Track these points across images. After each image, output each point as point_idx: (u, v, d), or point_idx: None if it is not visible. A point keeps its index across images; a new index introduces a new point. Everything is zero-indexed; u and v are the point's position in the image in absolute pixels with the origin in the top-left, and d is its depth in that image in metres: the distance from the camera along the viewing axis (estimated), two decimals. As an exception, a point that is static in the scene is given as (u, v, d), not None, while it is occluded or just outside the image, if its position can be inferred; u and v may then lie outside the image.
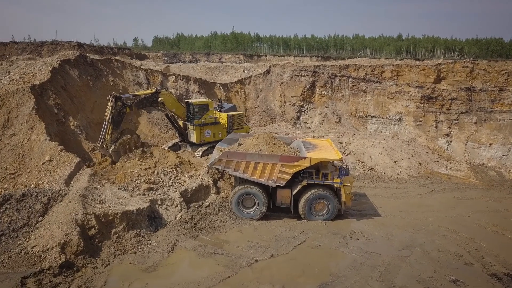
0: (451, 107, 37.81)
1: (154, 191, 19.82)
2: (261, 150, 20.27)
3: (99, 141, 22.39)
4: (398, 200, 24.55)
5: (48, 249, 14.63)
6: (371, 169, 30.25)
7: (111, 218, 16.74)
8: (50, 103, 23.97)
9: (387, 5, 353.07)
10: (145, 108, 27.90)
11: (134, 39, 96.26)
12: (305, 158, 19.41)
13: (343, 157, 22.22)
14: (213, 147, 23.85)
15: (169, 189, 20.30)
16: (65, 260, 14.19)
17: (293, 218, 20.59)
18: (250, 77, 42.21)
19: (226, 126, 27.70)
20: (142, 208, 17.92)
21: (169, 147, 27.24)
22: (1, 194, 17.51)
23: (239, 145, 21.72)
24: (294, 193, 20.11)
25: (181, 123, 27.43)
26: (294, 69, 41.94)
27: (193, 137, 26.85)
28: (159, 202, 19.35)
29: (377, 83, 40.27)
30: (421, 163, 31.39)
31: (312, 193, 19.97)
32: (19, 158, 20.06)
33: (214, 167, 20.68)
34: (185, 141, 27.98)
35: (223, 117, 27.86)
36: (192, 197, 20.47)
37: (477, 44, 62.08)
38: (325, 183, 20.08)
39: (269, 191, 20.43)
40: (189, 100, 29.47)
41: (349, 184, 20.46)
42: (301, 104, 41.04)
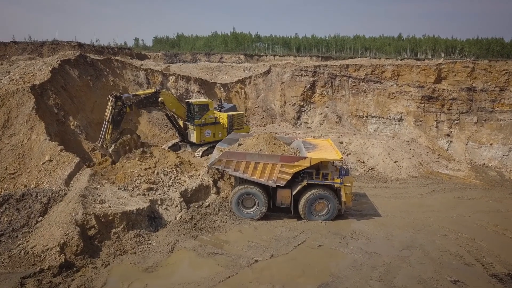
0: (451, 107, 37.76)
1: (154, 191, 19.80)
2: (261, 150, 20.25)
3: (99, 141, 22.37)
4: (398, 200, 24.52)
5: (47, 249, 14.62)
6: (371, 169, 30.21)
7: (111, 218, 16.73)
8: (50, 103, 23.96)
9: (387, 5, 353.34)
10: (145, 108, 27.88)
11: (134, 39, 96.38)
12: (305, 158, 19.38)
13: (343, 157, 22.19)
14: (213, 147, 23.82)
15: (169, 189, 20.27)
16: (64, 260, 14.17)
17: (293, 218, 20.56)
18: (250, 77, 42.18)
19: (226, 126, 27.68)
20: (142, 208, 17.90)
21: (169, 147, 27.23)
22: (0, 194, 17.49)
23: (239, 145, 21.69)
24: (294, 193, 20.08)
25: (181, 123, 27.41)
26: (294, 69, 41.91)
27: (193, 137, 26.83)
28: (159, 202, 19.34)
29: (377, 83, 40.22)
30: (421, 163, 31.35)
31: (312, 193, 19.94)
32: (19, 158, 20.04)
33: (214, 167, 20.67)
34: (185, 141, 27.97)
35: (223, 117, 27.84)
36: (192, 197, 20.46)
37: (477, 44, 61.97)
38: (325, 183, 20.05)
39: (269, 191, 20.40)
40: (189, 100, 29.46)
41: (350, 184, 20.43)
42: (302, 104, 41.01)
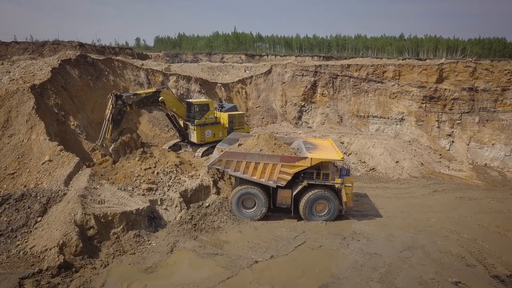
0: (453, 107, 37.58)
1: (154, 191, 19.74)
2: (261, 150, 20.16)
3: (99, 140, 22.31)
4: (399, 200, 24.40)
5: (46, 250, 14.57)
6: (372, 169, 30.08)
7: (110, 218, 16.67)
8: (50, 103, 23.92)
9: (387, 5, 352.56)
10: (146, 107, 27.81)
11: (136, 39, 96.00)
12: (305, 158, 19.29)
13: (344, 157, 22.09)
14: (213, 147, 23.75)
15: (169, 189, 20.21)
16: (63, 260, 14.11)
17: (293, 218, 20.46)
18: (251, 77, 42.10)
19: (226, 126, 27.62)
20: (141, 208, 17.84)
21: (170, 147, 27.19)
22: (0, 194, 17.45)
23: (239, 145, 21.61)
24: (294, 193, 19.98)
25: (181, 123, 27.36)
26: (295, 69, 41.80)
27: (194, 137, 26.77)
28: (159, 202, 19.28)
29: (378, 83, 40.08)
30: (423, 164, 31.20)
31: (312, 193, 19.83)
32: (18, 158, 20.01)
33: (214, 167, 20.59)
34: (186, 141, 27.91)
35: (224, 117, 27.78)
36: (192, 198, 20.39)
37: (479, 43, 61.71)
38: (326, 184, 19.95)
39: (270, 192, 20.31)
40: (190, 100, 29.40)
41: (350, 184, 20.33)
42: (303, 104, 40.90)
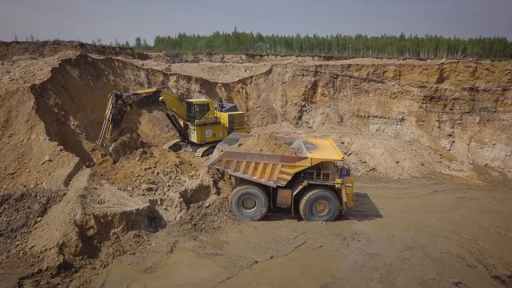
0: (454, 107, 37.50)
1: (153, 191, 19.72)
2: (261, 150, 20.13)
3: (99, 140, 22.29)
4: (400, 200, 24.36)
5: (46, 250, 14.55)
6: (373, 169, 30.03)
7: (110, 218, 16.65)
8: (50, 103, 23.91)
9: (387, 5, 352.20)
10: (146, 107, 27.75)
11: (136, 39, 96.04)
12: (306, 158, 19.25)
13: (344, 157, 22.05)
14: (213, 147, 23.72)
15: (169, 189, 20.19)
16: (63, 261, 14.09)
17: (293, 218, 20.43)
18: (251, 77, 42.05)
19: (227, 126, 27.58)
20: (141, 208, 17.82)
21: (170, 147, 27.16)
22: (0, 194, 17.44)
23: (239, 145, 21.58)
24: (295, 193, 19.95)
25: (181, 123, 27.33)
26: (295, 69, 41.75)
27: (194, 137, 26.74)
28: (159, 202, 19.26)
29: (379, 83, 40.02)
30: (423, 164, 31.15)
31: (313, 193, 19.80)
32: (18, 158, 19.99)
33: (214, 167, 20.57)
34: (186, 141, 27.88)
35: (224, 117, 27.74)
36: (192, 198, 20.37)
37: (480, 43, 61.61)
38: (326, 184, 19.91)
39: (270, 192, 20.27)
40: (190, 99, 29.37)
41: (351, 184, 20.28)
42: (303, 104, 40.84)
